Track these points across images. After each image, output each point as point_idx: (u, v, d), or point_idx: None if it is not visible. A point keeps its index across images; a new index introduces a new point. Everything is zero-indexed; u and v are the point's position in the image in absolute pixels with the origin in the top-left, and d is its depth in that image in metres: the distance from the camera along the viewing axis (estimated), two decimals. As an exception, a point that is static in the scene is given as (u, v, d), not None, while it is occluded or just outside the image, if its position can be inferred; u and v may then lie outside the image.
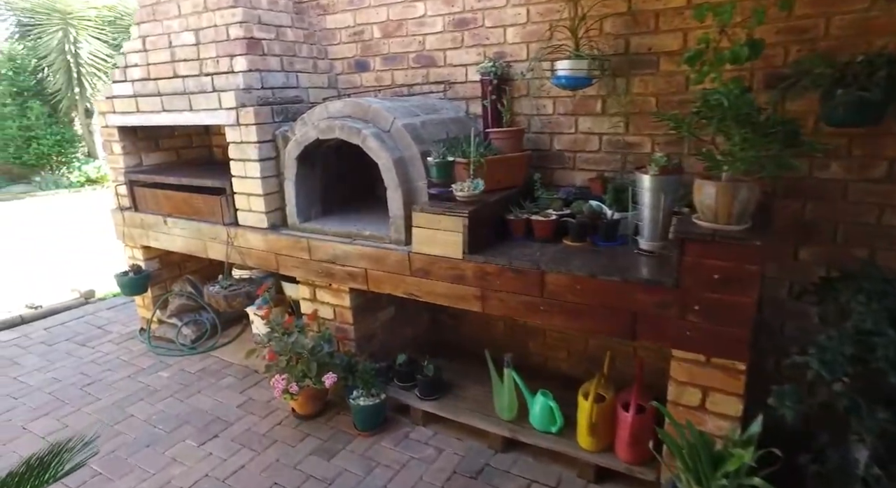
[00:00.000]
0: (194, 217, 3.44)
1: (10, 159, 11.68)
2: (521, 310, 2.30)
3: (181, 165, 3.98)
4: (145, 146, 3.86)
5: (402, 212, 2.59)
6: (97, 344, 4.04)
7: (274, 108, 3.04)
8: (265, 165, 3.01)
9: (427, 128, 2.73)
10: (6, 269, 6.10)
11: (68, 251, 6.77)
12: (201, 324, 3.95)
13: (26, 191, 11.28)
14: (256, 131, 2.94)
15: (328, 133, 2.73)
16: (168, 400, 3.23)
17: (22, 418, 3.13)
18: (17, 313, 4.50)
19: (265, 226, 3.08)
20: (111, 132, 3.71)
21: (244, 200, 3.13)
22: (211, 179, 3.27)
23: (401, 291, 2.64)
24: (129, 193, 3.78)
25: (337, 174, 3.25)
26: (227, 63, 3.10)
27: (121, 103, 3.55)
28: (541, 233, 2.51)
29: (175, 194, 3.51)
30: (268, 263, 3.13)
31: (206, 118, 3.13)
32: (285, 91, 3.23)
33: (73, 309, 4.71)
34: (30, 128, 11.50)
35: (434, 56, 3.19)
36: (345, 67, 3.56)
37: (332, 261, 2.83)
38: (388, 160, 2.55)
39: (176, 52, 3.34)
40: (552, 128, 2.90)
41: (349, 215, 3.13)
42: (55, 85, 11.43)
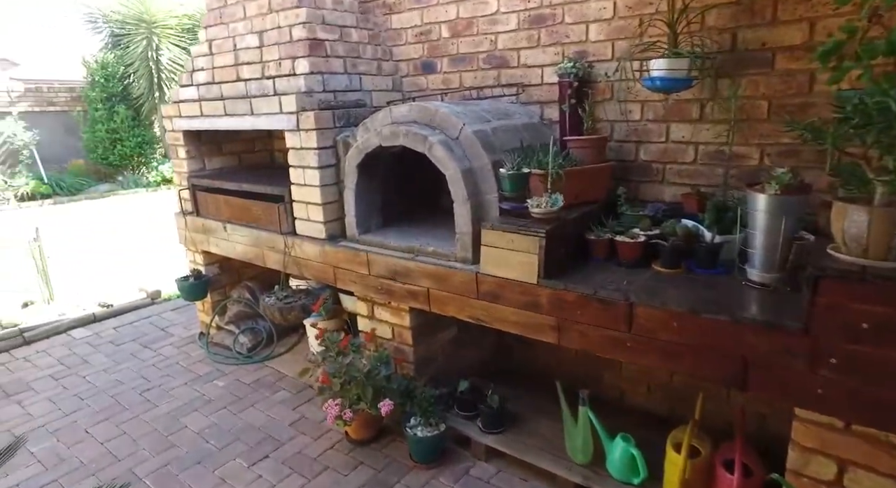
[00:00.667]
0: (253, 224, 3.35)
1: (98, 160, 12.40)
2: (605, 345, 1.99)
3: (243, 170, 3.92)
4: (208, 150, 3.83)
5: (469, 228, 2.35)
6: (159, 346, 4.05)
7: (335, 112, 2.88)
8: (325, 173, 2.86)
9: (499, 135, 2.47)
10: (86, 266, 6.36)
11: (139, 249, 7.01)
12: (258, 333, 3.87)
13: (110, 190, 11.94)
14: (317, 137, 2.79)
15: (391, 140, 2.53)
16: (222, 412, 3.14)
17: (86, 421, 3.13)
18: (91, 311, 4.61)
19: (323, 236, 2.93)
20: (176, 136, 3.69)
21: (302, 209, 2.99)
22: (270, 186, 3.16)
23: (466, 315, 2.39)
24: (191, 198, 3.75)
25: (399, 183, 3.06)
26: (289, 65, 2.97)
27: (186, 107, 3.52)
28: (626, 256, 2.20)
29: (235, 200, 3.44)
30: (325, 276, 2.98)
31: (267, 122, 3.02)
32: (348, 94, 3.07)
33: (140, 309, 4.80)
34: (115, 130, 12.17)
35: (506, 56, 2.93)
36: (410, 69, 3.36)
37: (392, 277, 2.62)
38: (455, 171, 2.32)
39: (240, 54, 3.25)
40: (639, 137, 2.57)
41: (411, 228, 2.92)
42: (139, 90, 12.04)
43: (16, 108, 12.25)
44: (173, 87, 12.14)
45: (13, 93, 12.39)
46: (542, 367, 3.05)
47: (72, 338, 4.29)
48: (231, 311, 3.96)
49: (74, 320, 4.46)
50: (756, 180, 1.89)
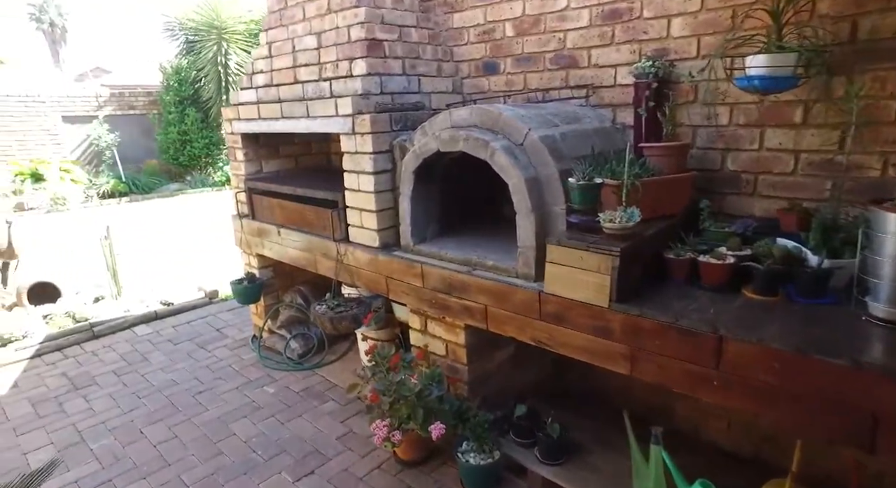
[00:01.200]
0: (306, 229, 3.28)
1: (170, 160, 13.00)
2: (686, 381, 1.75)
3: (298, 173, 3.88)
4: (266, 153, 3.81)
5: (533, 243, 2.15)
6: (213, 348, 4.07)
7: (392, 115, 2.76)
8: (380, 179, 2.73)
9: (567, 141, 2.26)
10: (151, 262, 6.59)
11: (201, 248, 7.21)
12: (309, 339, 3.81)
13: (179, 189, 12.47)
14: (372, 141, 2.67)
15: (451, 145, 2.37)
16: (270, 420, 3.08)
17: (141, 421, 3.15)
18: (154, 309, 4.72)
19: (376, 245, 2.80)
20: (235, 138, 3.69)
21: (356, 216, 2.88)
22: (324, 191, 3.08)
23: (527, 337, 2.19)
24: (247, 200, 3.74)
25: (456, 190, 2.89)
26: (346, 66, 2.87)
27: (245, 110, 3.50)
28: (711, 280, 1.93)
29: (289, 204, 3.38)
30: (377, 286, 2.85)
31: (322, 125, 2.93)
32: (405, 96, 2.94)
33: (197, 308, 4.87)
34: (186, 132, 12.71)
35: (576, 55, 2.71)
36: (471, 70, 3.20)
37: (448, 291, 2.46)
38: (519, 180, 2.13)
39: (298, 56, 3.19)
40: (726, 143, 2.29)
41: (468, 238, 2.75)
42: (208, 93, 12.52)
43: (102, 112, 13.03)
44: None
45: (100, 98, 13.18)
46: (607, 390, 2.80)
47: (135, 334, 4.40)
48: (283, 316, 3.93)
49: (138, 317, 4.58)
50: (884, 196, 1.60)
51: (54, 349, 4.14)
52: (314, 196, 3.14)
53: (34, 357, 4.05)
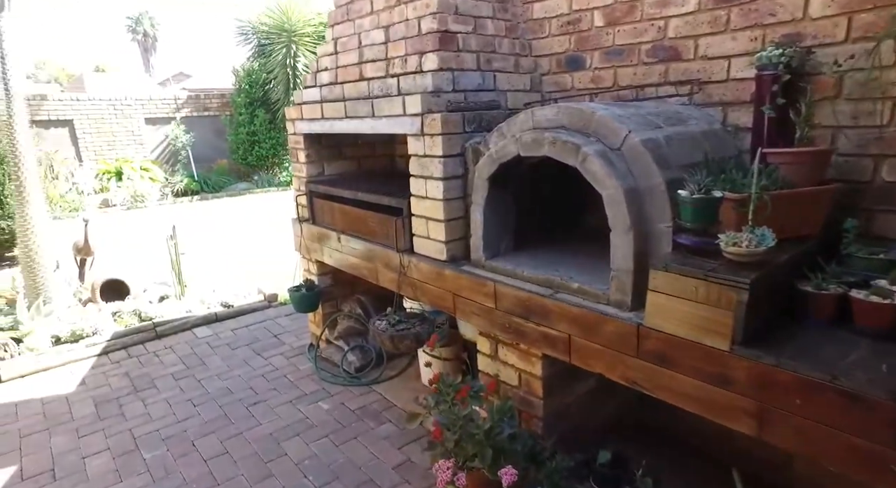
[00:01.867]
0: (367, 237, 3.06)
1: (239, 160, 13.40)
2: (851, 461, 1.35)
3: (361, 176, 3.68)
4: (328, 155, 3.64)
5: (630, 265, 1.81)
6: (270, 355, 3.95)
7: (465, 114, 2.48)
8: (450, 185, 2.46)
9: (673, 146, 1.90)
10: (215, 262, 6.66)
11: (263, 248, 7.23)
12: (367, 352, 3.60)
13: (247, 188, 12.81)
14: (443, 143, 2.41)
15: (533, 149, 2.07)
16: (323, 441, 2.88)
17: (194, 431, 3.03)
18: (214, 310, 4.69)
19: (444, 258, 2.54)
20: (297, 139, 3.54)
21: (422, 225, 2.63)
22: (387, 197, 2.85)
23: (618, 376, 1.86)
24: (308, 204, 3.58)
25: (534, 197, 2.58)
26: (415, 62, 2.63)
27: (308, 109, 3.34)
28: (872, 322, 1.53)
29: (350, 209, 3.18)
30: (443, 303, 2.58)
31: (388, 125, 2.70)
32: (480, 94, 2.66)
33: (257, 311, 4.81)
34: (255, 133, 13.06)
35: (679, 46, 2.34)
36: (552, 66, 2.87)
37: (525, 316, 2.15)
38: (616, 190, 1.80)
39: (364, 52, 2.98)
40: (881, 148, 1.85)
41: (547, 255, 2.43)
42: (276, 95, 12.79)
43: (179, 114, 13.62)
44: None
45: (179, 100, 13.78)
46: (705, 434, 2.40)
47: (195, 336, 4.37)
48: (341, 326, 3.75)
49: (199, 318, 4.55)
50: None
51: (120, 347, 4.16)
52: (377, 202, 2.91)
53: (102, 354, 4.08)
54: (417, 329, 2.73)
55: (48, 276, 4.51)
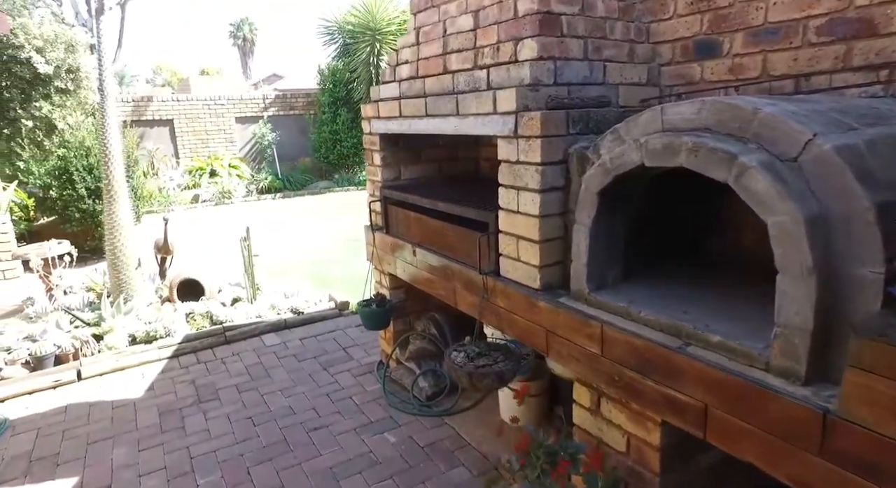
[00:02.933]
0: (446, 253, 2.69)
1: (321, 158, 13.60)
2: None
3: (442, 182, 3.32)
4: (406, 157, 3.31)
5: (808, 323, 1.29)
6: (337, 371, 3.69)
7: (570, 113, 2.03)
8: (548, 199, 2.03)
9: (880, 155, 1.35)
10: (289, 262, 6.60)
11: (338, 251, 7.10)
12: (440, 378, 3.24)
13: (327, 187, 12.95)
14: (542, 147, 1.97)
15: (664, 158, 1.59)
16: (387, 484, 2.54)
17: (251, 457, 2.80)
18: (284, 317, 4.54)
19: (536, 285, 2.10)
20: (373, 140, 3.24)
21: (511, 244, 2.21)
22: (471, 209, 2.45)
23: (785, 475, 1.34)
24: (382, 211, 3.27)
25: (648, 214, 2.09)
26: (509, 50, 2.21)
27: (385, 107, 3.02)
28: None
29: (428, 220, 2.82)
30: (534, 340, 2.15)
31: (475, 125, 2.30)
32: (586, 88, 2.19)
33: (327, 320, 4.59)
34: (337, 132, 13.19)
35: (870, 17, 1.75)
36: (675, 53, 2.35)
37: (641, 370, 1.68)
38: (791, 217, 1.29)
39: (449, 41, 2.61)
40: None
41: (668, 288, 1.93)
42: (359, 94, 12.82)
43: (267, 113, 14.04)
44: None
45: (267, 99, 14.22)
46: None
47: (263, 343, 4.21)
48: (413, 346, 3.41)
49: (268, 325, 4.40)
50: None
51: (190, 351, 4.07)
52: (459, 213, 2.53)
53: (172, 357, 4.01)
54: (500, 366, 2.31)
55: (131, 274, 4.53)
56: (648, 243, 2.14)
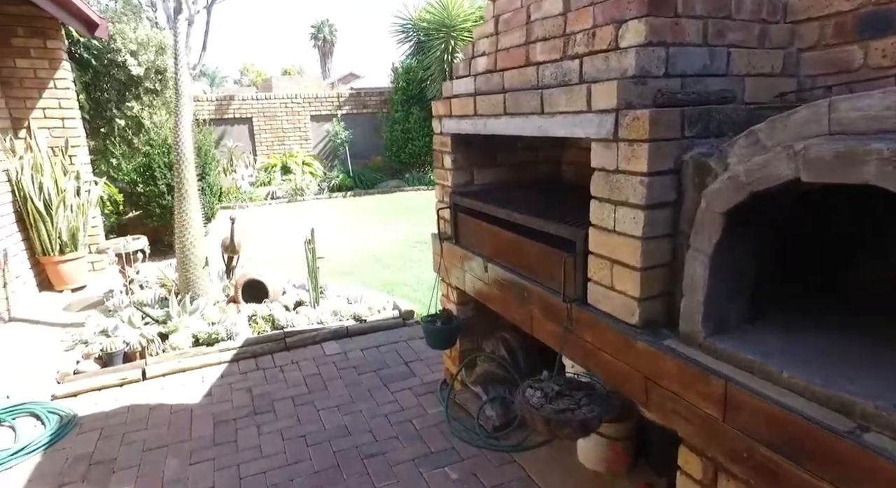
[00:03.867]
0: (523, 272, 2.35)
1: (392, 157, 13.56)
2: None
3: (518, 189, 2.97)
4: (480, 160, 2.99)
5: None
6: (397, 389, 3.44)
7: (685, 111, 1.63)
8: (654, 217, 1.64)
9: None
10: (353, 264, 6.46)
11: (403, 252, 6.89)
12: (509, 407, 2.90)
13: (397, 186, 12.88)
14: (649, 153, 1.59)
15: (839, 170, 1.17)
16: (447, 531, 2.25)
17: (301, 484, 2.59)
18: (345, 324, 4.36)
19: (634, 321, 1.72)
20: (443, 141, 2.94)
21: (603, 269, 1.84)
22: (554, 223, 2.09)
23: None
24: (451, 219, 2.97)
25: (784, 238, 1.65)
26: (608, 35, 1.83)
27: (458, 104, 2.71)
28: None
29: (502, 233, 2.49)
30: (629, 386, 1.77)
31: (564, 126, 1.95)
32: (705, 81, 1.78)
33: (390, 329, 4.37)
34: (409, 130, 13.09)
35: None
36: (824, 34, 1.87)
37: (787, 452, 1.27)
38: None
39: (533, 29, 2.26)
40: None
41: (812, 333, 1.49)
42: (431, 92, 12.65)
43: (340, 111, 14.20)
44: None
45: (341, 98, 14.39)
46: None
47: (322, 351, 4.04)
48: (481, 368, 3.09)
49: (329, 332, 4.23)
50: None
51: (249, 355, 3.98)
52: (539, 228, 2.18)
53: (232, 361, 3.93)
54: (585, 413, 1.93)
55: (198, 272, 4.52)
56: (777, 272, 1.70)
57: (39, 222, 5.39)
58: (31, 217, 5.37)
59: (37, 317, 4.92)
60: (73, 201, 5.58)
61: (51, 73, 5.79)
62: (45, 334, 4.49)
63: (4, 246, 5.06)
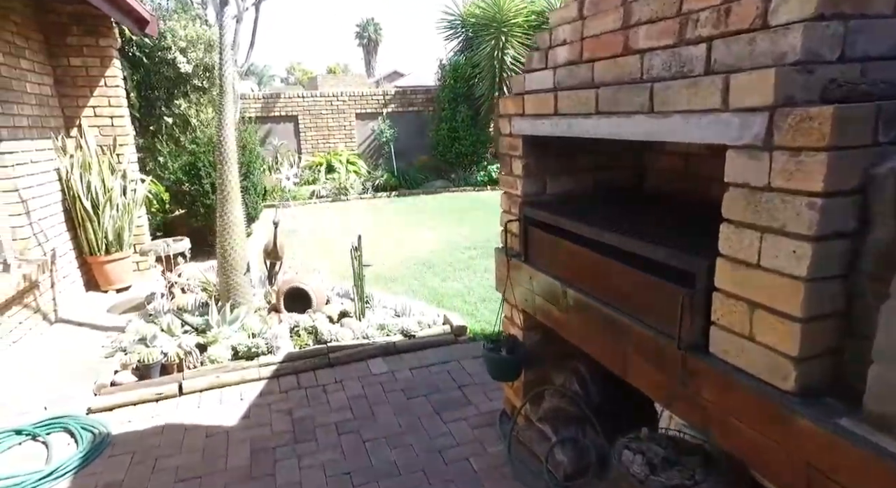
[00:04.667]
0: (614, 303, 1.95)
1: (438, 156, 13.23)
2: None
3: (601, 200, 2.57)
4: (555, 166, 2.59)
5: None
6: (452, 418, 3.09)
7: (882, 107, 1.20)
8: (826, 250, 1.22)
9: None
10: (400, 269, 6.16)
11: (451, 261, 6.54)
12: (584, 453, 2.50)
13: (443, 186, 12.55)
14: (828, 165, 1.17)
15: None
16: None
17: (346, 523, 2.29)
18: (393, 339, 4.04)
19: (788, 386, 1.30)
20: (513, 143, 2.56)
21: (739, 312, 1.42)
22: (664, 248, 1.68)
23: None
24: (521, 234, 2.59)
25: None
26: (751, 10, 1.41)
27: (534, 101, 2.33)
28: None
29: (585, 252, 2.09)
30: (774, 470, 1.35)
31: (686, 129, 1.53)
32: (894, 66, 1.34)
33: (440, 346, 4.02)
34: (456, 129, 12.73)
35: None
36: None
37: None
38: None
39: (632, 9, 1.85)
40: None
41: None
42: (480, 90, 12.27)
43: (386, 109, 13.99)
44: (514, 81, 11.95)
45: (387, 96, 14.18)
46: None
47: (369, 370, 3.73)
48: (548, 403, 2.70)
49: (376, 348, 3.92)
50: None
51: (291, 372, 3.71)
52: (642, 252, 1.77)
53: (273, 377, 3.67)
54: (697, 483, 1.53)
55: (239, 279, 4.30)
56: None
57: (87, 221, 5.31)
58: (78, 216, 5.30)
59: (81, 318, 4.83)
60: (119, 200, 5.49)
61: (102, 70, 5.72)
62: (87, 338, 4.38)
63: (53, 245, 4.99)
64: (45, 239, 4.87)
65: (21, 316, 4.24)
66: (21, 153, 4.65)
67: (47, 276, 4.73)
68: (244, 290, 4.34)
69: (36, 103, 5.07)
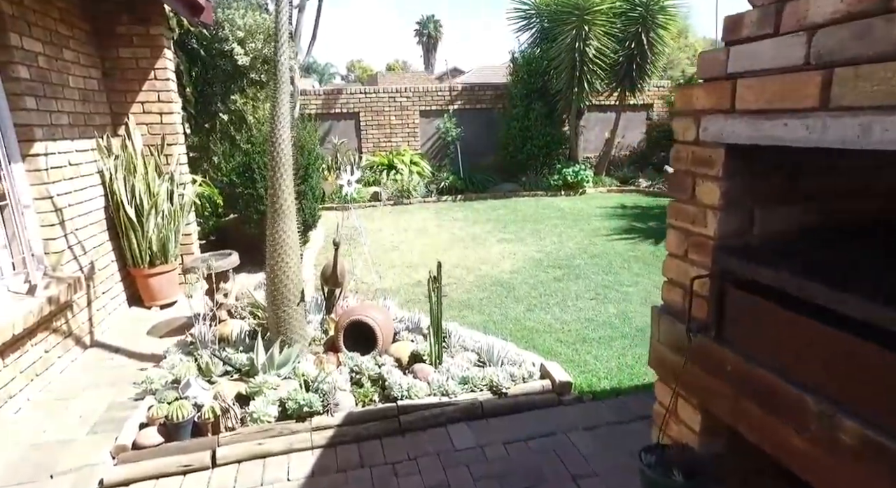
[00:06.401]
0: (886, 423, 0.99)
1: (509, 157, 12.24)
2: None
3: (842, 244, 1.59)
4: (767, 190, 1.64)
5: None
6: (572, 539, 2.19)
7: None
8: None
9: None
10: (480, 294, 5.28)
11: (535, 284, 5.60)
12: None
13: (513, 190, 11.57)
14: None
15: None
16: None
17: None
18: (479, 397, 3.17)
19: None
20: (703, 155, 1.62)
21: None
22: None
23: None
24: (713, 297, 1.65)
25: None
26: None
27: (757, 89, 1.38)
28: None
29: (842, 339, 1.13)
30: None
31: None
32: None
33: (538, 408, 3.12)
34: (528, 128, 11.71)
35: None
36: None
37: None
38: None
39: None
40: None
41: None
42: (557, 86, 11.22)
43: (452, 107, 13.17)
44: (595, 82, 10.85)
45: (453, 92, 13.35)
46: None
47: (450, 442, 2.88)
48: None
49: (458, 410, 3.06)
50: None
51: (351, 440, 2.91)
52: None
53: (328, 446, 2.88)
54: None
55: (290, 311, 3.55)
56: None
57: (130, 230, 4.76)
58: (122, 224, 4.76)
59: (119, 341, 4.27)
60: (165, 207, 4.91)
61: (151, 62, 5.17)
62: (120, 368, 3.79)
63: (92, 258, 4.45)
64: (83, 251, 4.32)
65: (48, 343, 3.68)
66: (58, 155, 4.11)
67: (82, 294, 4.18)
68: (297, 324, 3.59)
69: (80, 98, 4.54)
